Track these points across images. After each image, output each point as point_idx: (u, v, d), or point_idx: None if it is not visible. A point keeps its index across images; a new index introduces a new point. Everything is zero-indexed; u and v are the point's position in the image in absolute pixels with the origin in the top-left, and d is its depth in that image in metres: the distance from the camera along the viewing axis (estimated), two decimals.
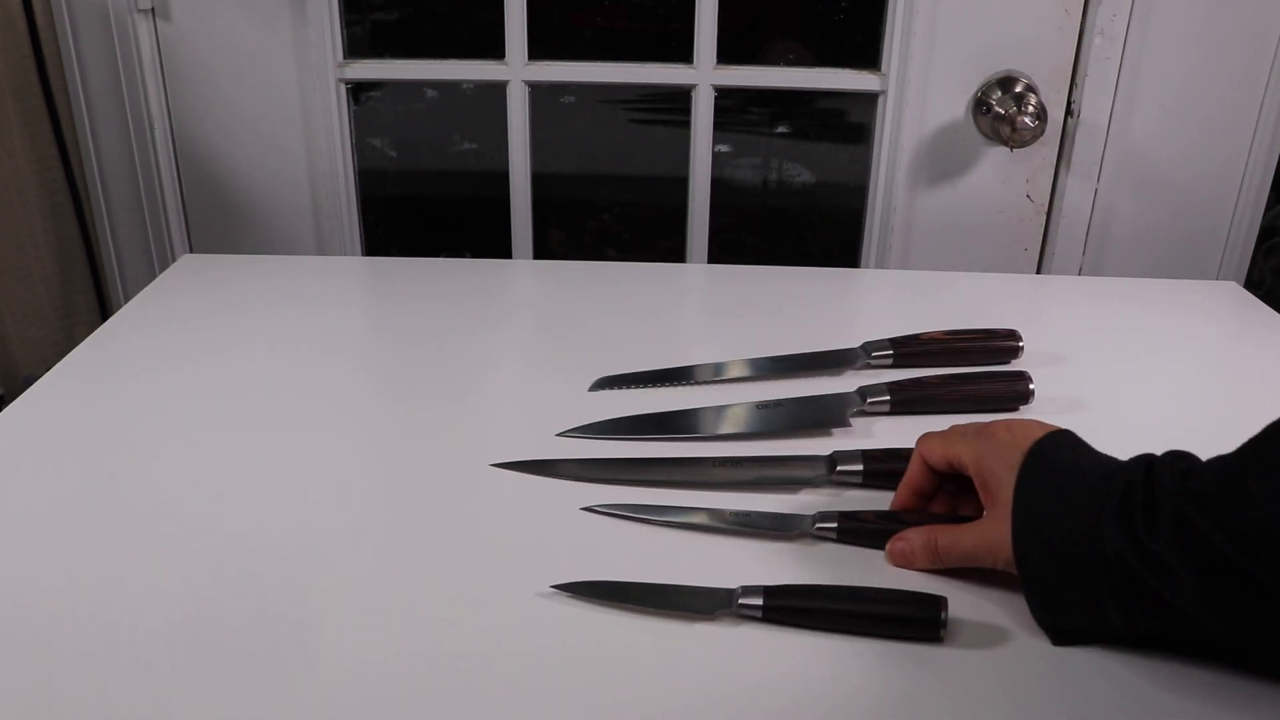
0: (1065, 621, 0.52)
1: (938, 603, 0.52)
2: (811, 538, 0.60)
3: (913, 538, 0.57)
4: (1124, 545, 0.47)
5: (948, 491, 0.61)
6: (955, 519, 0.59)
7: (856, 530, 0.60)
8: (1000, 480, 0.54)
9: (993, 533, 0.54)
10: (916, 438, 0.61)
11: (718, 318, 0.96)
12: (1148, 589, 0.47)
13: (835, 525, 0.60)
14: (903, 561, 0.58)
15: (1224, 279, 1.13)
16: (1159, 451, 0.51)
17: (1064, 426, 0.56)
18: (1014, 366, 0.81)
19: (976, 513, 0.57)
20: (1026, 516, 0.52)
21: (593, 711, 0.48)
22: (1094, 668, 0.51)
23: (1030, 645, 0.53)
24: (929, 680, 0.50)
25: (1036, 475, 0.53)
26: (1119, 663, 0.51)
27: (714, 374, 0.80)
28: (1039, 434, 0.55)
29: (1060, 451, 0.54)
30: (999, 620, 0.54)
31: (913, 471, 0.61)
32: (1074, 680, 0.50)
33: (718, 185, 1.16)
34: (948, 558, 0.56)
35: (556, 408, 0.75)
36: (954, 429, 0.60)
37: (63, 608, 0.54)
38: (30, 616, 0.54)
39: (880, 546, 0.58)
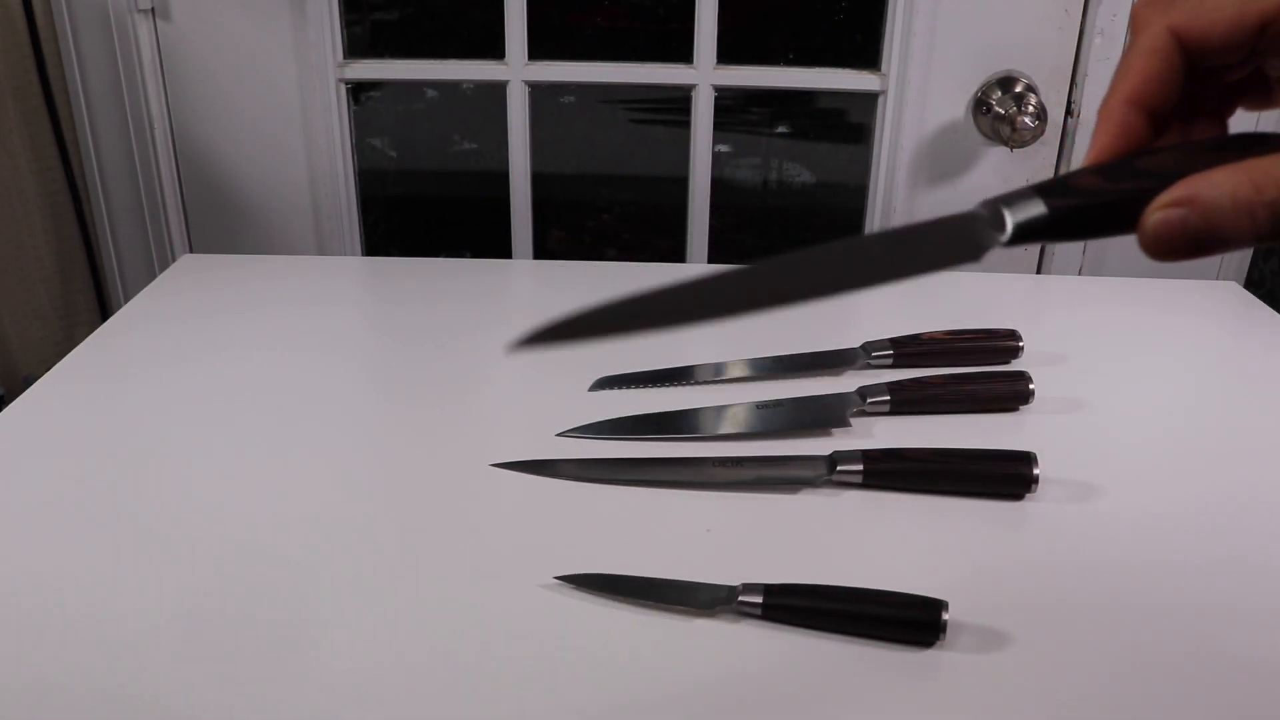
0: None
1: (938, 606, 0.52)
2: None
3: (1211, 188, 0.28)
4: None
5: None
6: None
7: (1080, 210, 0.33)
8: None
9: None
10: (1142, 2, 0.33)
11: None
12: None
13: (1046, 209, 0.33)
14: (1186, 233, 0.29)
15: (1224, 279, 1.13)
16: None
17: None
18: (1014, 366, 0.81)
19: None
20: None
21: (591, 706, 0.48)
22: (1093, 671, 0.51)
23: (1030, 649, 0.53)
24: (928, 683, 0.50)
25: None
26: (1119, 664, 0.51)
27: (714, 374, 0.80)
28: None
29: None
30: (999, 624, 0.54)
31: (1141, 67, 0.31)
32: (1073, 684, 0.50)
33: (718, 185, 1.16)
34: None
35: (556, 408, 0.75)
36: None
37: (62, 607, 0.54)
38: (29, 616, 0.54)
39: (1119, 226, 0.32)
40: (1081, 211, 0.32)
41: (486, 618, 0.54)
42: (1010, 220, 0.33)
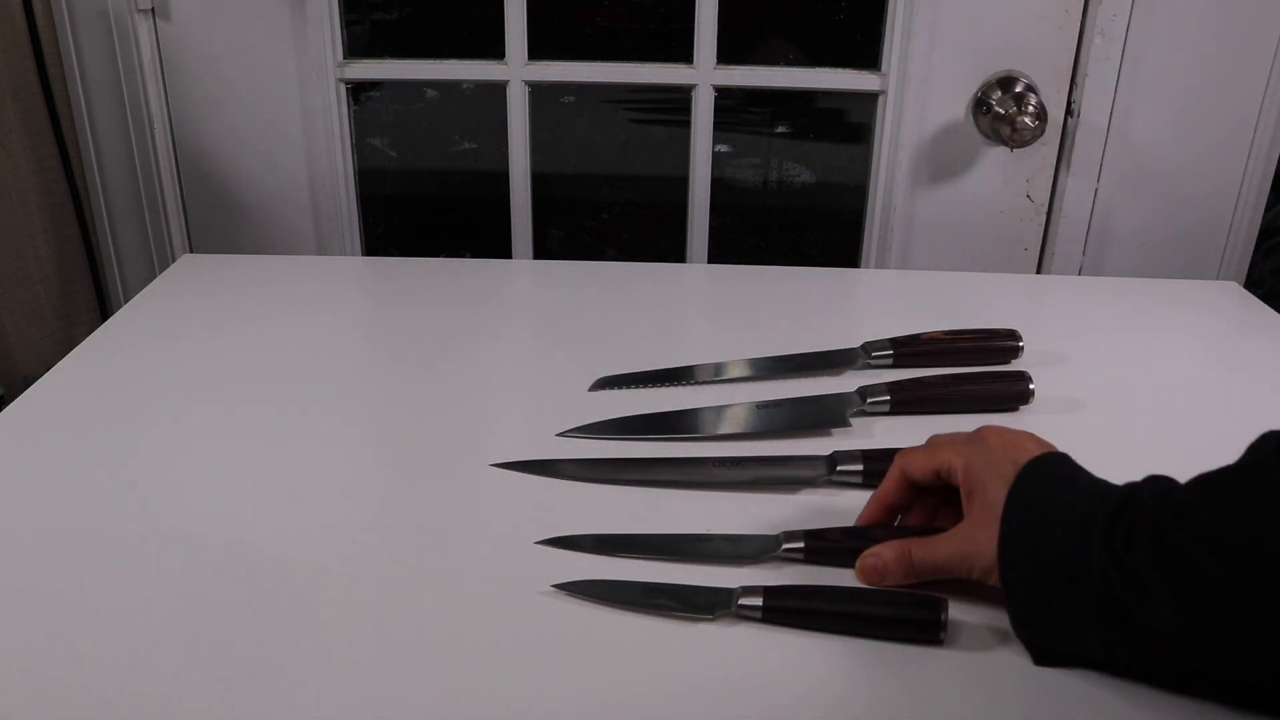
0: (1045, 640, 0.50)
1: (938, 604, 0.52)
2: (779, 559, 0.58)
3: (885, 552, 0.55)
4: (1107, 562, 0.46)
5: (923, 506, 0.60)
6: (926, 531, 0.57)
7: (824, 550, 0.58)
8: (987, 486, 0.53)
9: (972, 540, 0.52)
10: (900, 451, 0.60)
11: (718, 318, 0.96)
12: (1127, 610, 0.46)
13: (802, 545, 0.58)
14: (875, 578, 0.55)
15: (1224, 279, 1.13)
16: (1155, 462, 0.51)
17: (1057, 448, 0.55)
18: (1014, 366, 0.81)
19: (951, 525, 0.56)
20: (1015, 527, 0.50)
21: (592, 710, 0.48)
22: (1093, 671, 0.51)
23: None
24: (928, 682, 0.50)
25: (1030, 489, 0.51)
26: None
27: (714, 374, 0.80)
28: (1035, 450, 0.54)
29: (1056, 469, 0.53)
30: (999, 622, 0.54)
31: (887, 487, 0.59)
32: (1073, 683, 0.50)
33: (718, 185, 1.16)
34: (922, 569, 0.54)
35: (556, 408, 0.75)
36: (936, 438, 0.58)
37: (62, 606, 0.54)
38: (29, 617, 0.54)
39: (849, 565, 0.56)
40: (822, 553, 0.58)
41: (487, 617, 0.54)
42: (783, 544, 0.58)
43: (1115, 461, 0.69)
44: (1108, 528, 0.47)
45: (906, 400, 0.74)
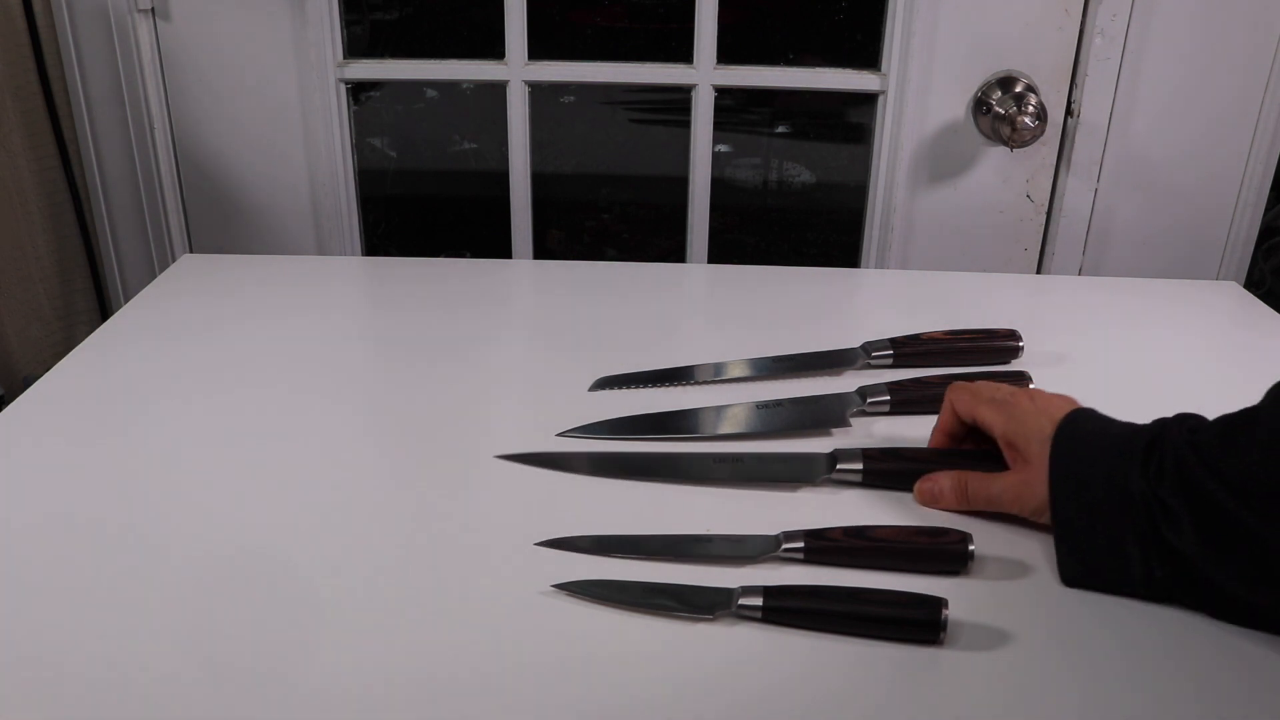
0: (1092, 568, 0.55)
1: (937, 604, 0.52)
2: (779, 559, 0.58)
3: (942, 479, 0.63)
4: (1144, 488, 0.53)
5: (977, 435, 0.66)
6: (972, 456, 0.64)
7: (824, 549, 0.58)
8: (1029, 443, 0.59)
9: (1024, 484, 0.59)
10: (951, 385, 0.67)
11: (718, 317, 0.96)
12: (1159, 532, 0.53)
13: (802, 545, 0.58)
14: (930, 500, 0.63)
15: (1224, 279, 1.13)
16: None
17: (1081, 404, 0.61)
18: (1014, 366, 0.81)
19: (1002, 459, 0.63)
20: (1062, 470, 0.57)
21: (592, 710, 0.48)
22: (1093, 669, 0.51)
23: (1030, 646, 0.53)
24: (928, 681, 0.50)
25: (1071, 436, 0.58)
26: (1118, 664, 0.51)
27: (714, 374, 0.80)
28: (1066, 406, 0.60)
29: (1091, 419, 0.59)
30: (999, 622, 0.54)
31: (944, 418, 0.67)
32: (1073, 682, 0.50)
33: (718, 185, 1.16)
34: (975, 500, 0.61)
35: (556, 408, 0.75)
36: (981, 388, 0.65)
37: (63, 606, 0.55)
38: (29, 618, 0.54)
39: (849, 564, 0.57)
40: (829, 552, 0.58)
41: (487, 616, 0.54)
42: (783, 543, 0.58)
43: None
44: (1144, 458, 0.54)
45: (906, 400, 0.74)
